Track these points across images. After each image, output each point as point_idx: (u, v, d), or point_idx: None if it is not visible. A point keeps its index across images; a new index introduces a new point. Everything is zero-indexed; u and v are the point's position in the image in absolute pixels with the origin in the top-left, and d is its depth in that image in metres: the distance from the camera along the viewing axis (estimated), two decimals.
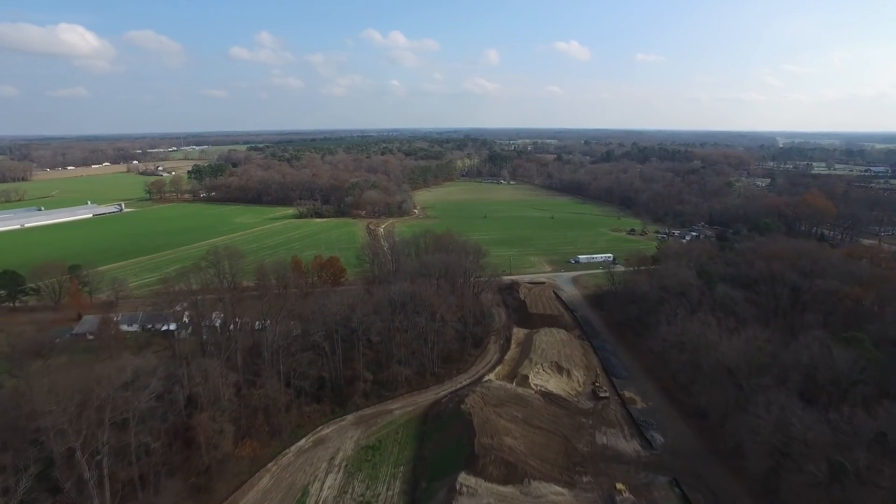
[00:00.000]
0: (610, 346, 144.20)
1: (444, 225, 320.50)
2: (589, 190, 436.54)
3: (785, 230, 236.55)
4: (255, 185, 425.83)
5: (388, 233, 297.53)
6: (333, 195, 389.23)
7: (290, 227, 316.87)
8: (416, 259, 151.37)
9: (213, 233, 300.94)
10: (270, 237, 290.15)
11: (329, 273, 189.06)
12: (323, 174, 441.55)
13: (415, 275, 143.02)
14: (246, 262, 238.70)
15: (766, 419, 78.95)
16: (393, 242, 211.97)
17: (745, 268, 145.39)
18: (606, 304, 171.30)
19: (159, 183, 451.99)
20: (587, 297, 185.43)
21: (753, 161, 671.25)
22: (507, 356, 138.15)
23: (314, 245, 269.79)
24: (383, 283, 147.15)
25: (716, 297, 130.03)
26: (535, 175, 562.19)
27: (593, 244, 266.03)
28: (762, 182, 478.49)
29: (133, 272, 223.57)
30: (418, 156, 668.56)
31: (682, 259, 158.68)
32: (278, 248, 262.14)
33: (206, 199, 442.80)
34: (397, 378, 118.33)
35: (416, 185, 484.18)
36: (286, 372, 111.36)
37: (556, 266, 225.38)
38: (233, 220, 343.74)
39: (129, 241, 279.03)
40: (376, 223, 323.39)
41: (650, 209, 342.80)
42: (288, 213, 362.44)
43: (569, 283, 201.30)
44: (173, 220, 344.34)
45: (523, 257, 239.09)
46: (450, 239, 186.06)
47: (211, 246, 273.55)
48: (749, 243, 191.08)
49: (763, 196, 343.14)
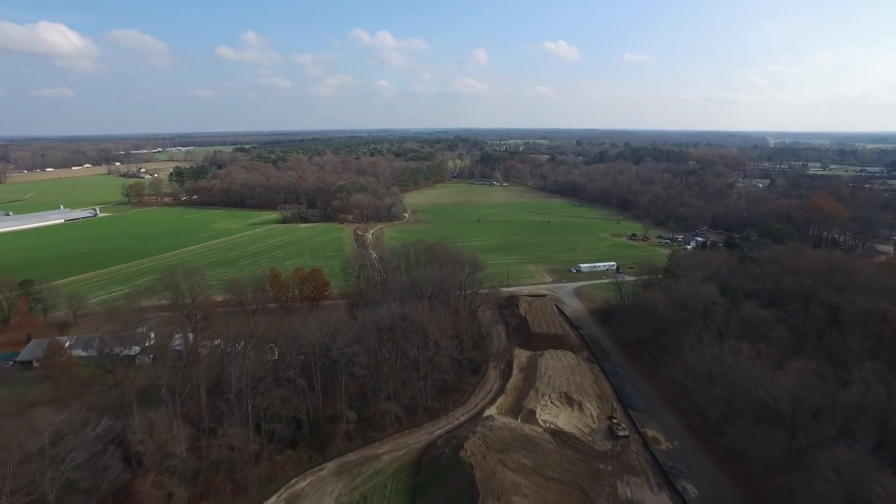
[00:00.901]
0: (623, 372, 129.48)
1: (435, 230, 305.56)
2: (585, 192, 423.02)
3: (797, 236, 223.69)
4: (238, 189, 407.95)
5: (376, 239, 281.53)
6: (320, 198, 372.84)
7: (274, 233, 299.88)
8: (405, 275, 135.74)
9: (192, 239, 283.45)
10: (252, 244, 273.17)
11: (311, 287, 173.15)
12: (309, 176, 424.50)
13: (405, 292, 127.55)
14: (223, 272, 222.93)
15: (835, 484, 64.23)
16: (382, 252, 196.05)
17: (770, 282, 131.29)
18: (615, 320, 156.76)
19: (138, 186, 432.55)
20: (593, 311, 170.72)
21: (749, 161, 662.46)
22: (510, 384, 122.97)
23: (298, 253, 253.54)
24: (370, 302, 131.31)
25: (743, 318, 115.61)
26: (529, 176, 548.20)
27: (594, 251, 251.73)
28: (760, 183, 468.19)
29: (100, 284, 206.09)
30: (408, 157, 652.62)
31: (699, 272, 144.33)
32: (259, 257, 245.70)
33: (187, 203, 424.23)
34: (385, 416, 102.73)
35: (406, 187, 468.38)
36: (256, 413, 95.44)
37: (556, 276, 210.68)
38: (213, 226, 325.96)
39: (100, 250, 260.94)
40: (364, 228, 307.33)
41: (650, 212, 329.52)
42: (272, 217, 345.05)
43: (572, 296, 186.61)
44: (150, 226, 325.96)
45: (521, 266, 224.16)
46: (443, 249, 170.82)
47: (184, 253, 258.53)
48: (765, 252, 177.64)
49: (766, 198, 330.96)
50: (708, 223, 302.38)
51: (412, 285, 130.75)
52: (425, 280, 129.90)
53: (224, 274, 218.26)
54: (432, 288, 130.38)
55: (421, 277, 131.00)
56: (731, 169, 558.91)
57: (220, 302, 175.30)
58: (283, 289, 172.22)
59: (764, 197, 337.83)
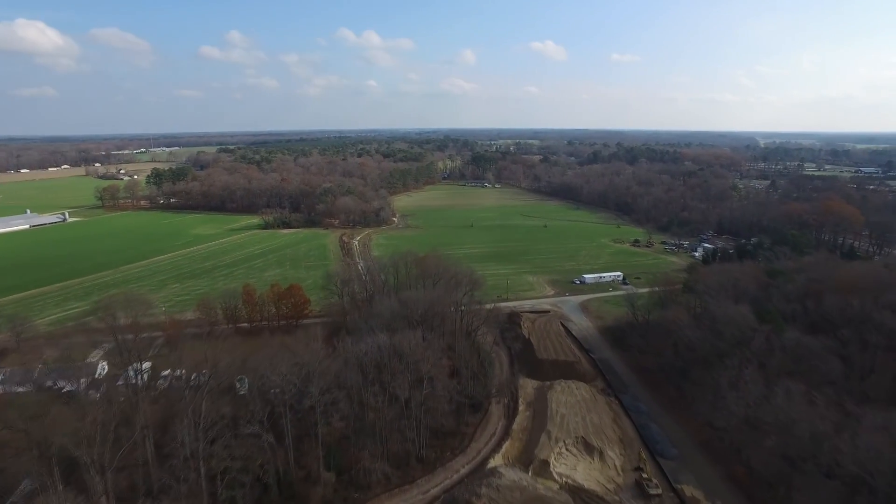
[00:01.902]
0: (645, 407, 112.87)
1: (426, 236, 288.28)
2: (581, 194, 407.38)
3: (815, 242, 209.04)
4: (218, 192, 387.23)
5: (363, 246, 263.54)
6: (304, 202, 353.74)
7: (254, 240, 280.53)
8: (394, 295, 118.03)
9: (165, 247, 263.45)
10: (229, 252, 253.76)
11: (289, 305, 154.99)
12: (293, 178, 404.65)
13: (394, 317, 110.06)
14: (195, 285, 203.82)
15: None
16: (369, 265, 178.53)
17: (811, 302, 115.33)
18: (629, 342, 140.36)
19: (112, 189, 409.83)
20: (604, 331, 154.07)
21: (744, 162, 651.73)
22: (516, 425, 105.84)
23: (278, 262, 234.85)
24: (353, 330, 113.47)
25: (786, 347, 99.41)
26: (522, 177, 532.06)
27: (596, 259, 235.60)
28: (758, 184, 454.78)
29: (56, 300, 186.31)
30: (397, 157, 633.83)
31: (725, 289, 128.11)
32: (236, 267, 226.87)
33: (164, 207, 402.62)
34: (371, 474, 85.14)
35: (395, 189, 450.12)
36: (212, 475, 77.66)
37: (558, 288, 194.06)
38: (190, 232, 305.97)
39: (62, 260, 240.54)
40: (350, 234, 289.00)
41: (652, 216, 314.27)
42: (252, 222, 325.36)
43: (577, 312, 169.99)
44: (122, 233, 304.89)
45: (520, 276, 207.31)
46: (435, 262, 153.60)
47: (155, 263, 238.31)
48: (789, 262, 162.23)
49: (770, 201, 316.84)
50: (713, 228, 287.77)
51: (402, 308, 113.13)
52: (417, 302, 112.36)
53: (196, 287, 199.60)
54: (425, 310, 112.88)
55: (412, 300, 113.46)
56: (728, 170, 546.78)
57: (188, 321, 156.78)
58: (257, 307, 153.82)
59: (768, 200, 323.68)
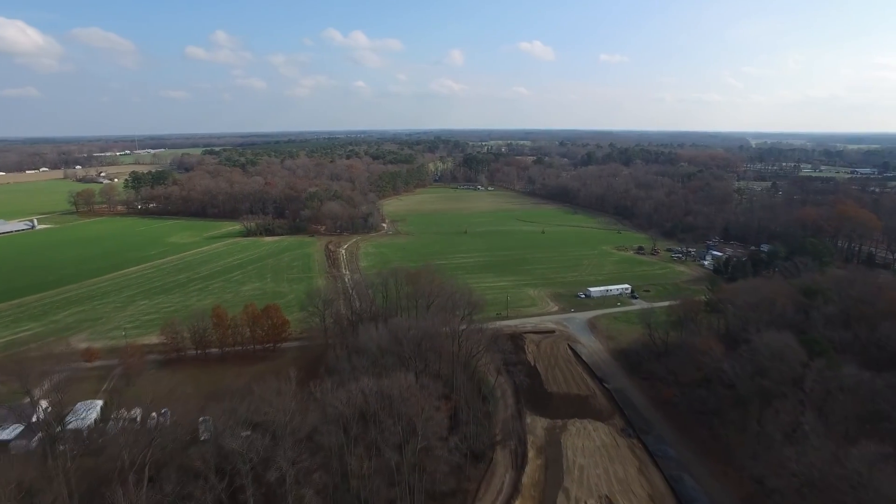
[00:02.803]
0: (674, 452, 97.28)
1: (417, 244, 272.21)
2: (578, 197, 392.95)
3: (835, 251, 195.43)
4: (198, 196, 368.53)
5: (350, 255, 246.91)
6: (289, 207, 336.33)
7: (234, 249, 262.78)
8: (383, 325, 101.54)
9: (138, 257, 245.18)
10: (206, 263, 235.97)
11: (265, 328, 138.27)
12: (278, 182, 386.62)
13: (382, 352, 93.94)
14: (166, 302, 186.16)
15: None
16: (356, 282, 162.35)
17: (863, 330, 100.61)
18: (647, 368, 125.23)
19: (87, 193, 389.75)
20: (616, 354, 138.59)
21: (740, 163, 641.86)
22: (527, 478, 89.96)
23: (259, 274, 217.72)
24: (335, 368, 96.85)
25: (844, 387, 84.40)
26: (515, 180, 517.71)
27: (600, 269, 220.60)
28: (756, 185, 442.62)
29: (7, 320, 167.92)
30: (387, 159, 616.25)
31: (758, 310, 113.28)
32: (213, 280, 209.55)
33: (142, 212, 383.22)
34: None
35: (385, 192, 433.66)
36: None
37: (562, 302, 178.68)
38: (166, 240, 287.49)
39: (23, 272, 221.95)
40: (337, 242, 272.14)
41: (654, 221, 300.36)
42: (234, 229, 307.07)
43: (585, 331, 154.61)
44: (93, 241, 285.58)
45: (519, 290, 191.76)
46: (428, 279, 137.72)
47: (125, 276, 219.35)
48: (815, 275, 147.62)
49: (777, 204, 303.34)
50: (718, 233, 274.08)
51: (392, 340, 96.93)
52: (408, 332, 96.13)
53: (166, 304, 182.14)
54: (418, 344, 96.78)
55: (403, 330, 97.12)
56: (724, 171, 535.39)
57: (152, 346, 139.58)
58: (229, 330, 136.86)
59: (774, 203, 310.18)
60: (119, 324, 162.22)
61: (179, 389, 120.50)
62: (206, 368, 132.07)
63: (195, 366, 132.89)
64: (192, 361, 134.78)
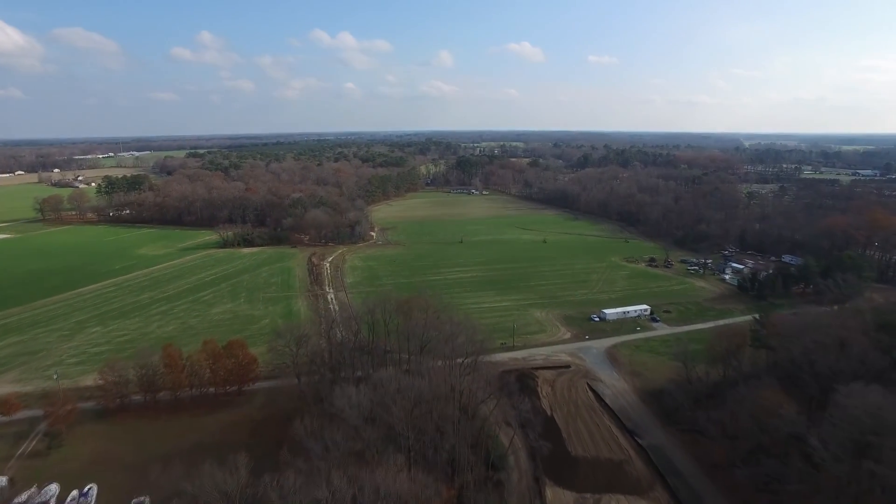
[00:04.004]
0: None
1: (409, 255, 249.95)
2: (579, 202, 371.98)
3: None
4: (174, 203, 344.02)
5: (335, 269, 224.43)
6: (270, 215, 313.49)
7: (207, 263, 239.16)
8: (366, 389, 79.13)
9: (98, 273, 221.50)
10: (175, 280, 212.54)
11: (229, 367, 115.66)
12: (259, 188, 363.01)
13: (364, 419, 71.89)
14: (121, 329, 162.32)
15: None
16: (340, 301, 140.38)
17: None
18: (684, 416, 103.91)
19: (54, 200, 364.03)
20: (645, 396, 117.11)
21: (740, 164, 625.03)
22: None
23: (232, 292, 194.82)
24: (302, 449, 74.26)
25: None
26: (511, 183, 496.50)
27: (612, 285, 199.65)
28: (760, 188, 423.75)
29: None
30: (377, 162, 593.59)
31: (826, 350, 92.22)
32: (179, 300, 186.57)
33: (114, 220, 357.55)
34: None
35: (374, 198, 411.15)
36: None
37: (574, 327, 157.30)
38: (135, 252, 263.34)
39: None
40: (321, 254, 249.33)
41: (663, 229, 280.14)
42: (210, 239, 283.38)
43: (606, 365, 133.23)
44: (53, 254, 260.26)
45: (525, 311, 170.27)
46: (422, 308, 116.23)
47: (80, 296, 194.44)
48: (874, 296, 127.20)
49: (795, 210, 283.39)
50: (733, 242, 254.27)
51: (379, 405, 74.83)
52: (397, 399, 73.98)
53: (121, 331, 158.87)
54: (410, 412, 74.73)
55: (390, 395, 74.86)
56: (725, 173, 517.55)
57: (90, 390, 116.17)
58: (183, 372, 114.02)
59: (790, 208, 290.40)
60: (61, 358, 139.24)
61: (116, 452, 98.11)
62: (155, 419, 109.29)
63: (141, 416, 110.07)
64: (138, 410, 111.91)
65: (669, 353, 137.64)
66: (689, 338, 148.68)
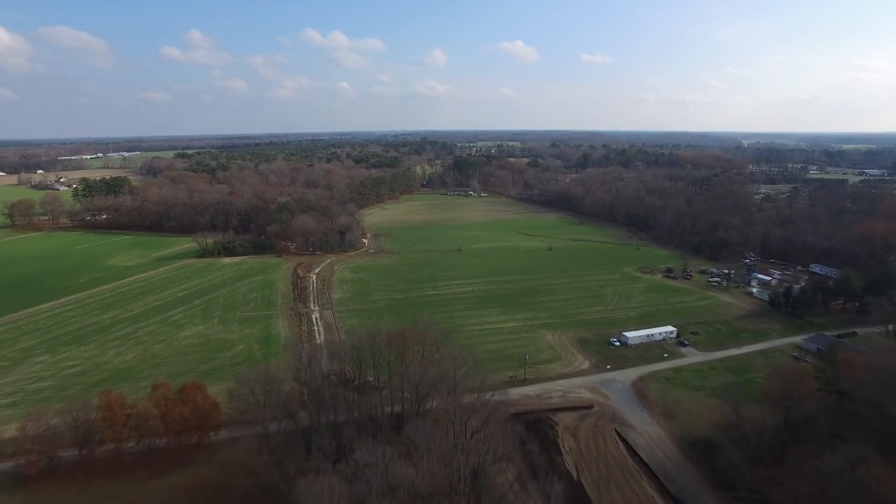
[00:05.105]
0: None
1: (403, 266, 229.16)
2: (583, 205, 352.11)
3: None
4: (153, 208, 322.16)
5: (322, 282, 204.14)
6: (255, 220, 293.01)
7: (183, 275, 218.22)
8: (344, 488, 59.20)
9: (61, 288, 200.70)
10: (144, 295, 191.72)
11: (182, 417, 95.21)
12: (244, 191, 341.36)
13: None
14: (73, 358, 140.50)
15: None
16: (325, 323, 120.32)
17: None
18: (743, 479, 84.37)
19: (25, 204, 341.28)
20: (686, 446, 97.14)
21: (744, 164, 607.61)
22: None
23: (205, 311, 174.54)
24: None
25: None
26: (510, 185, 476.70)
27: (628, 300, 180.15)
28: (771, 190, 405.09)
29: None
30: (370, 163, 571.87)
31: None
32: (146, 320, 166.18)
33: (89, 226, 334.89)
34: None
35: (367, 200, 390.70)
36: None
37: (592, 353, 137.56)
38: (105, 262, 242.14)
39: None
40: (308, 264, 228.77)
41: (676, 235, 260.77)
42: (189, 248, 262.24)
43: (634, 403, 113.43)
44: (13, 265, 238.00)
45: (534, 333, 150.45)
46: (416, 342, 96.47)
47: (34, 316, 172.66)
48: None
49: (821, 214, 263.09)
50: (754, 250, 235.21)
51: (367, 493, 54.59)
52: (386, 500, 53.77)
53: (72, 361, 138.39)
54: None
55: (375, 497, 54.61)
56: (731, 173, 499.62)
57: (11, 445, 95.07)
58: (126, 426, 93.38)
59: (814, 213, 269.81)
60: None
61: None
62: (90, 485, 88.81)
63: (71, 481, 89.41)
64: (69, 472, 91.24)
65: (706, 387, 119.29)
66: (725, 367, 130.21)
